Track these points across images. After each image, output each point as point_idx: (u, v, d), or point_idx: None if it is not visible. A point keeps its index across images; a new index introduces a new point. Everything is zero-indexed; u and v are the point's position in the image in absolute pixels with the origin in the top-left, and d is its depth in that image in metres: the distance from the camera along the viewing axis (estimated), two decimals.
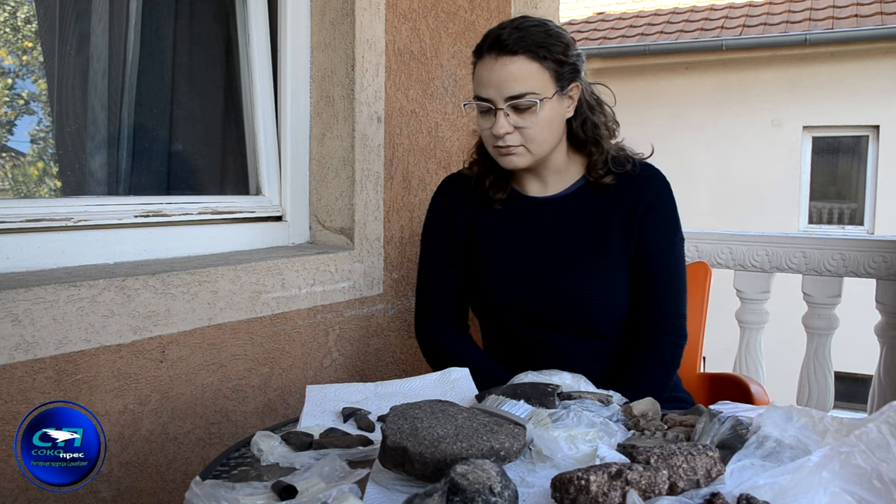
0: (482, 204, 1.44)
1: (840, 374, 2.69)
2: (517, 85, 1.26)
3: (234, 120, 1.83)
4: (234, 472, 0.94)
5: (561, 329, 1.37)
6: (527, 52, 1.26)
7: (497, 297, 1.39)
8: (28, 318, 1.14)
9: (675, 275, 1.39)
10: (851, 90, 7.50)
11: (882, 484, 0.72)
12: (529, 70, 1.26)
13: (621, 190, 1.37)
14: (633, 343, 1.38)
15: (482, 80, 1.29)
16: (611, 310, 1.36)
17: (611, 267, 1.35)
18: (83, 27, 1.60)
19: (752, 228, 4.49)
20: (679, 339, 1.38)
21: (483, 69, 1.29)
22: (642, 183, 1.37)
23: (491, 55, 1.27)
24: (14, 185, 1.65)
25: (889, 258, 2.35)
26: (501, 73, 1.26)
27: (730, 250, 2.55)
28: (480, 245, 1.43)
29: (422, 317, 1.50)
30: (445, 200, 1.49)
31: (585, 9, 9.54)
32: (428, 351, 1.49)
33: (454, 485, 0.71)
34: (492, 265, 1.40)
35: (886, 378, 2.38)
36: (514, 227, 1.41)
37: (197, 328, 1.41)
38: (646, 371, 1.34)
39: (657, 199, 1.37)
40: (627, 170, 1.37)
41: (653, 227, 1.36)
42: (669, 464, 0.75)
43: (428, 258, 1.50)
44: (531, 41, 1.26)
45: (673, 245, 1.38)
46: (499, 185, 1.42)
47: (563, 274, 1.35)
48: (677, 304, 1.39)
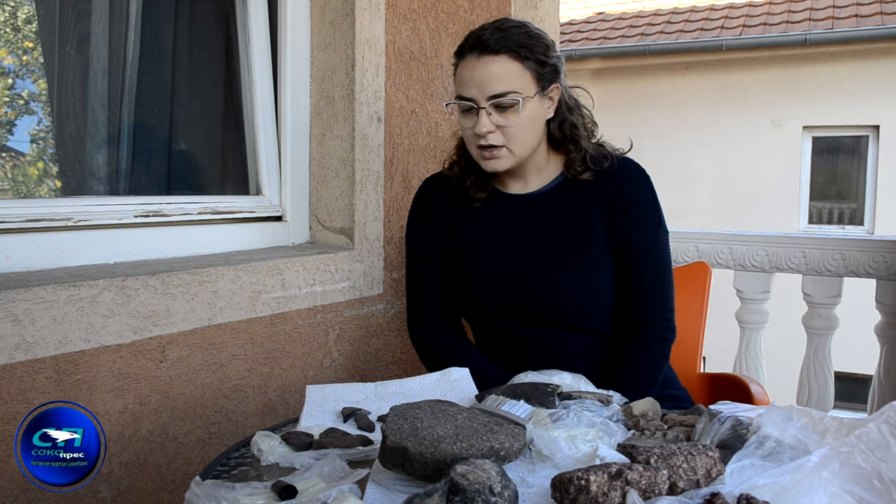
0: (462, 203, 1.45)
1: (840, 374, 2.68)
2: (499, 84, 1.27)
3: (234, 120, 1.83)
4: (234, 472, 0.94)
5: (547, 325, 1.37)
6: (509, 52, 1.27)
7: (481, 295, 1.40)
8: (28, 318, 1.14)
9: (660, 268, 1.39)
10: (851, 90, 7.50)
11: (882, 484, 0.72)
12: (511, 69, 1.27)
13: (601, 185, 1.38)
14: (622, 338, 1.38)
15: (464, 79, 1.30)
16: (595, 305, 1.37)
17: (593, 262, 1.36)
18: (83, 27, 1.60)
19: (752, 228, 4.49)
20: (667, 334, 1.39)
21: (465, 69, 1.30)
22: (622, 178, 1.38)
23: (473, 55, 1.28)
24: (14, 185, 1.65)
25: (889, 258, 2.35)
26: (484, 73, 1.27)
27: (730, 250, 2.55)
28: (462, 244, 1.44)
29: (413, 321, 1.51)
30: (426, 202, 1.49)
31: (585, 9, 9.54)
32: (424, 354, 1.49)
33: (454, 485, 0.71)
34: (474, 263, 1.41)
35: (886, 378, 2.37)
36: (495, 225, 1.42)
37: (197, 328, 1.41)
38: (635, 365, 1.35)
39: (637, 193, 1.37)
40: (606, 166, 1.38)
41: (635, 221, 1.36)
42: (669, 464, 0.75)
43: (413, 261, 1.51)
44: (513, 41, 1.27)
45: (656, 239, 1.39)
46: (479, 184, 1.43)
47: (546, 270, 1.36)
48: (664, 297, 1.39)
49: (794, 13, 7.94)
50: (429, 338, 1.47)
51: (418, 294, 1.50)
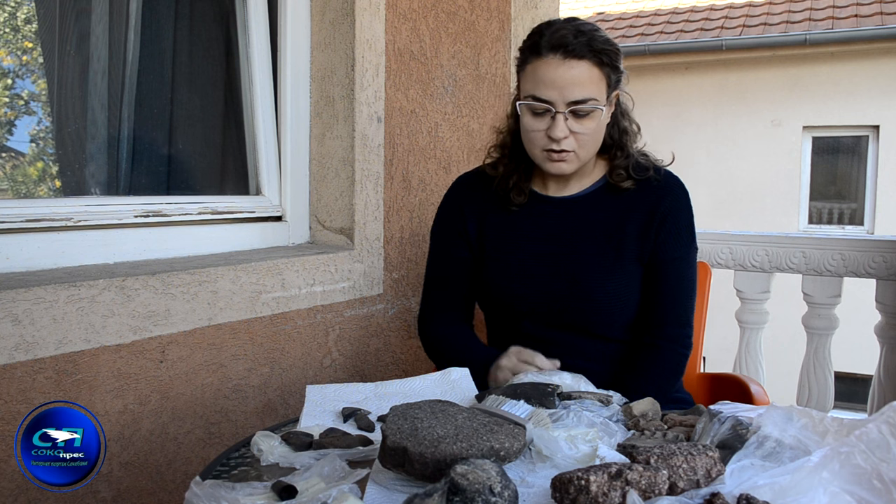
0: (497, 202, 1.43)
1: (840, 374, 2.68)
2: (581, 90, 1.24)
3: (234, 120, 1.83)
4: (234, 472, 0.94)
5: (568, 329, 1.36)
6: (593, 57, 1.24)
7: (508, 295, 1.38)
8: (28, 318, 1.14)
9: (685, 284, 1.38)
10: (851, 90, 7.50)
11: (882, 484, 0.72)
12: (592, 76, 1.25)
13: (640, 195, 1.37)
14: (638, 347, 1.37)
15: (544, 80, 1.25)
16: (620, 314, 1.35)
17: (623, 271, 1.34)
18: (83, 27, 1.60)
19: (752, 228, 4.49)
20: (685, 350, 1.38)
21: (545, 69, 1.25)
22: (662, 190, 1.37)
23: (556, 56, 1.24)
24: (14, 185, 1.65)
25: (889, 258, 2.35)
26: (567, 76, 1.24)
27: (730, 250, 2.55)
28: (493, 244, 1.42)
29: (425, 314, 1.50)
30: (457, 200, 1.48)
31: (585, 9, 9.54)
32: (429, 346, 1.49)
33: (454, 485, 0.71)
34: (504, 263, 1.39)
35: (886, 378, 2.37)
36: (529, 225, 1.40)
37: (197, 328, 1.41)
38: (649, 377, 1.33)
39: (675, 206, 1.36)
40: (649, 176, 1.37)
41: (669, 234, 1.35)
42: (669, 464, 0.75)
43: (436, 256, 1.50)
44: (596, 46, 1.24)
45: (687, 255, 1.38)
46: (521, 186, 1.41)
47: (576, 275, 1.34)
48: (685, 313, 1.38)
49: (794, 13, 7.94)
50: (439, 333, 1.46)
51: (436, 289, 1.48)
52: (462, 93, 2.10)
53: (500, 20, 2.25)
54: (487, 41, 2.20)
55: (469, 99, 2.14)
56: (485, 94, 2.20)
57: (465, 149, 2.13)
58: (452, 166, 2.08)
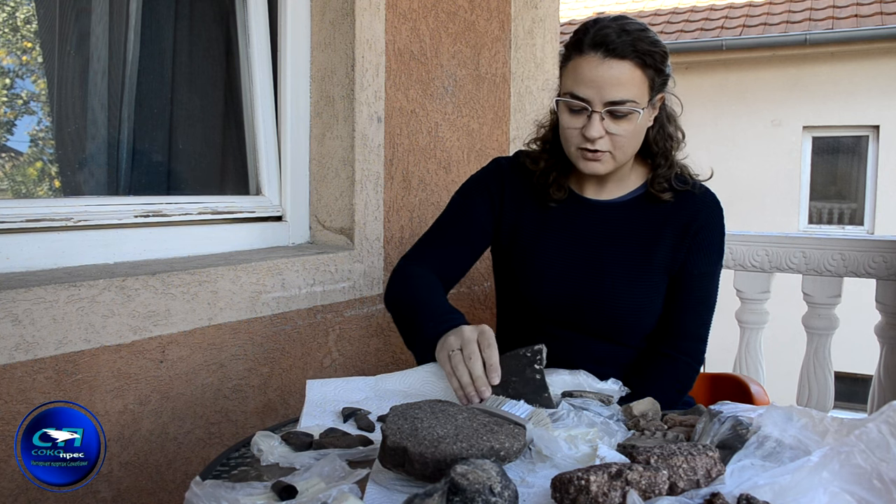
0: (534, 197, 1.40)
1: (840, 374, 2.68)
2: (620, 91, 1.21)
3: (234, 120, 1.83)
4: (234, 472, 0.94)
5: (586, 332, 1.35)
6: (635, 58, 1.21)
7: (534, 294, 1.36)
8: (28, 318, 1.14)
9: (707, 299, 1.38)
10: (851, 90, 7.50)
11: (882, 484, 0.72)
12: (633, 77, 1.22)
13: (677, 207, 1.35)
14: (653, 356, 1.36)
15: (583, 77, 1.22)
16: (641, 322, 1.35)
17: (652, 280, 1.34)
18: (83, 27, 1.60)
19: (752, 228, 4.48)
20: (697, 365, 1.38)
21: (586, 67, 1.22)
22: (699, 204, 1.35)
23: (596, 54, 1.21)
24: (14, 185, 1.65)
25: (889, 258, 2.35)
26: (606, 76, 1.21)
27: (730, 250, 2.55)
28: (525, 241, 1.39)
29: (406, 257, 1.42)
30: (501, 176, 1.42)
31: (585, 9, 9.54)
32: (394, 282, 1.37)
33: (454, 485, 0.71)
34: (534, 262, 1.37)
35: (886, 378, 2.38)
36: (563, 226, 1.38)
37: (197, 328, 1.41)
38: (662, 386, 1.32)
39: (710, 222, 1.35)
40: (688, 188, 1.36)
41: (700, 249, 1.34)
42: (669, 464, 0.75)
43: (450, 210, 1.44)
44: (640, 47, 1.21)
45: (714, 270, 1.37)
46: (560, 184, 1.38)
47: (604, 281, 1.33)
48: (703, 328, 1.38)
49: (794, 13, 7.94)
50: (415, 268, 1.37)
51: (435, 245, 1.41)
52: (462, 93, 2.10)
53: (500, 20, 2.25)
54: (487, 41, 2.20)
55: (469, 99, 2.14)
56: (485, 94, 2.20)
57: (465, 149, 2.13)
58: (452, 166, 2.08)
